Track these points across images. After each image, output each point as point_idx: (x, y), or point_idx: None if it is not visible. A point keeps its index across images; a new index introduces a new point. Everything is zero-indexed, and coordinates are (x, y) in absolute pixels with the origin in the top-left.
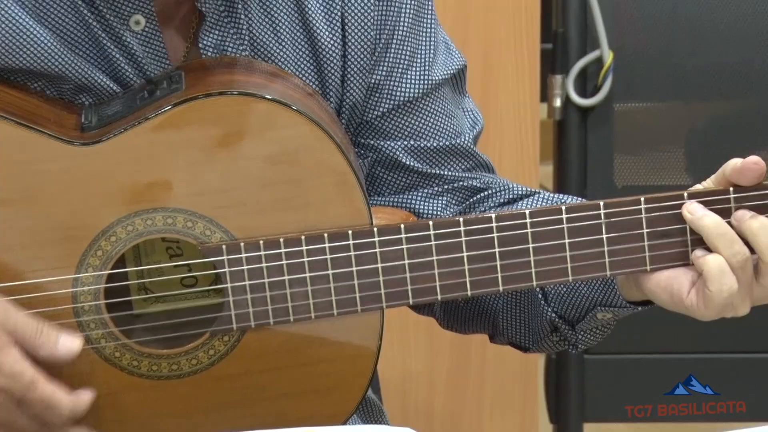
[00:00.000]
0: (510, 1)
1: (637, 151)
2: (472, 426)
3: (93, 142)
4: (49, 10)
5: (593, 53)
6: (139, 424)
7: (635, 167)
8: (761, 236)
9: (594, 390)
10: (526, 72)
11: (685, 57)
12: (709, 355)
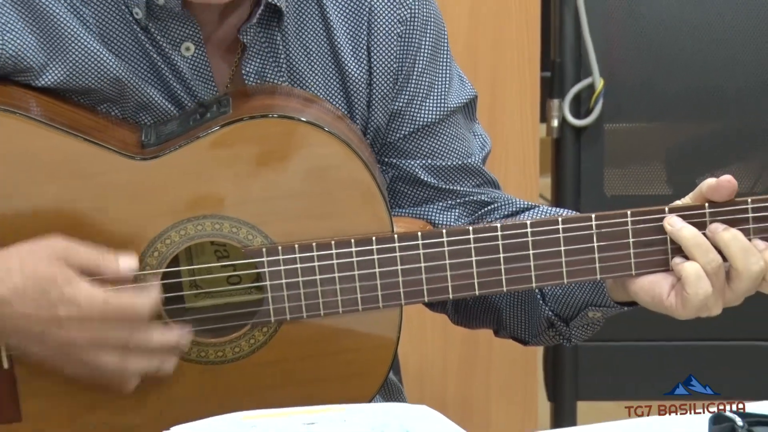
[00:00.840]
0: (514, 35)
1: (624, 165)
2: (480, 406)
3: (152, 157)
4: (113, 36)
5: (586, 80)
6: (189, 404)
7: (622, 179)
8: (733, 246)
9: (586, 373)
10: (528, 96)
11: (666, 84)
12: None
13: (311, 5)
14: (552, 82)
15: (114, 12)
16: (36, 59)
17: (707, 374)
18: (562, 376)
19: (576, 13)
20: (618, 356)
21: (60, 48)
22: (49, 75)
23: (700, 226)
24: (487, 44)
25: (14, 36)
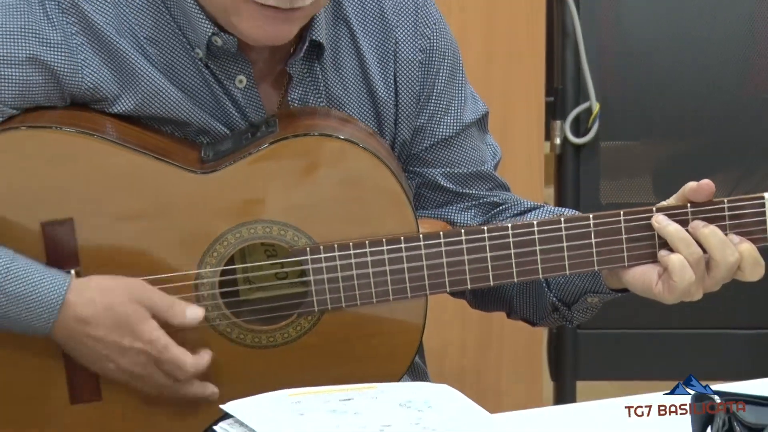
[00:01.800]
0: (523, 65)
1: (617, 178)
2: (493, 383)
3: (210, 171)
4: (177, 71)
5: (584, 104)
6: (244, 383)
7: (616, 190)
8: (711, 240)
9: (584, 356)
10: (534, 118)
11: (654, 107)
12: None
13: (346, 39)
14: (555, 106)
15: (178, 51)
16: (110, 90)
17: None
18: (564, 359)
19: (576, 46)
20: (613, 341)
21: (130, 81)
22: (121, 104)
23: (683, 223)
24: (499, 72)
25: (92, 71)
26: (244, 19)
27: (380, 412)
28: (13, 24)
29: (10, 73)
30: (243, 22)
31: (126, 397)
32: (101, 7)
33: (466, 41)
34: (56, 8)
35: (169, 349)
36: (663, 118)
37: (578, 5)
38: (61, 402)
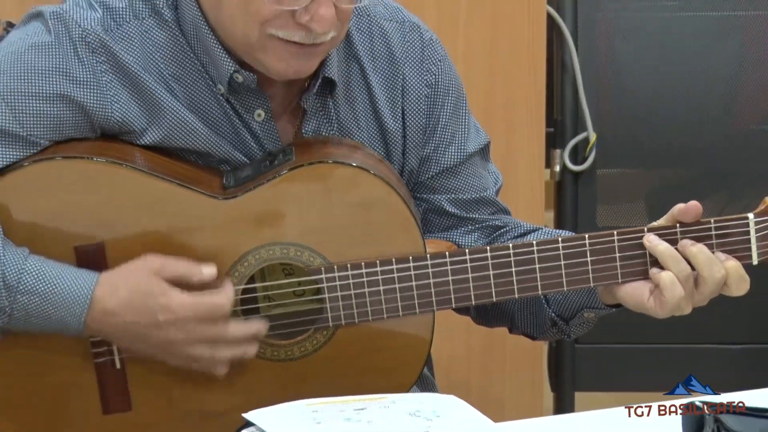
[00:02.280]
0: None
1: (613, 203)
2: (496, 394)
3: (232, 197)
4: (201, 105)
5: (582, 134)
6: (264, 394)
7: (611, 214)
8: (699, 257)
9: (582, 368)
10: (535, 147)
11: (647, 138)
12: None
13: (357, 76)
14: (554, 136)
15: (201, 87)
16: (138, 124)
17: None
18: (563, 371)
19: (574, 80)
20: (610, 355)
21: (156, 115)
22: (148, 136)
23: (672, 242)
24: (502, 105)
25: (121, 106)
26: (270, 54)
27: (391, 421)
28: (45, 63)
29: (43, 109)
30: (269, 57)
31: (155, 407)
32: (128, 46)
33: (470, 76)
34: (86, 48)
35: (199, 301)
36: (655, 148)
37: (576, 42)
38: (94, 413)
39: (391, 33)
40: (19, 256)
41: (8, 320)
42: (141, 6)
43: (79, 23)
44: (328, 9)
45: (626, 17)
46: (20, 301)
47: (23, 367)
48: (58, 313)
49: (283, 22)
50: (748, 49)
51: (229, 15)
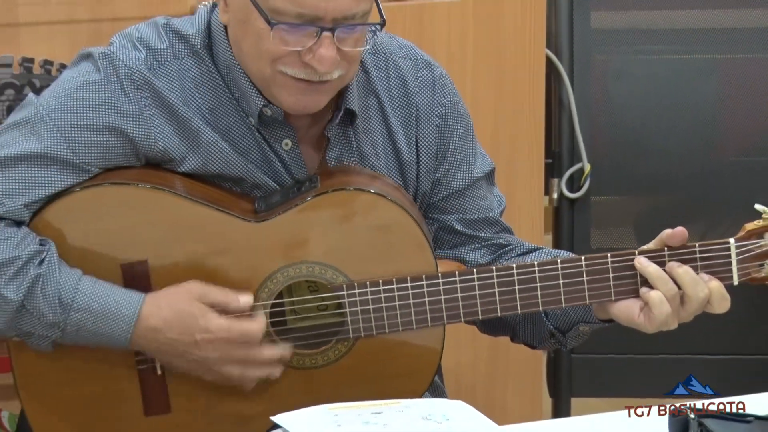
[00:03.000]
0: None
1: (605, 227)
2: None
3: (262, 220)
4: (235, 136)
5: (578, 165)
6: (291, 398)
7: (604, 237)
8: (685, 278)
9: (578, 376)
10: (535, 177)
11: (636, 169)
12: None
13: (375, 108)
14: (553, 166)
15: (235, 118)
16: (178, 153)
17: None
18: (560, 378)
19: (570, 116)
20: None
21: (195, 145)
22: (188, 164)
23: (660, 264)
24: (506, 138)
25: (163, 137)
26: (282, 90)
27: (405, 424)
28: (96, 98)
29: (94, 139)
30: (281, 92)
31: (191, 410)
32: (170, 83)
33: (477, 112)
34: (132, 85)
35: (235, 326)
36: (644, 177)
37: (572, 82)
38: (136, 415)
39: (405, 69)
40: (74, 277)
41: (61, 334)
42: (180, 46)
43: (125, 63)
44: (328, 50)
45: (617, 60)
46: (73, 317)
47: (74, 374)
48: (106, 329)
49: (290, 61)
50: (726, 88)
51: (247, 53)
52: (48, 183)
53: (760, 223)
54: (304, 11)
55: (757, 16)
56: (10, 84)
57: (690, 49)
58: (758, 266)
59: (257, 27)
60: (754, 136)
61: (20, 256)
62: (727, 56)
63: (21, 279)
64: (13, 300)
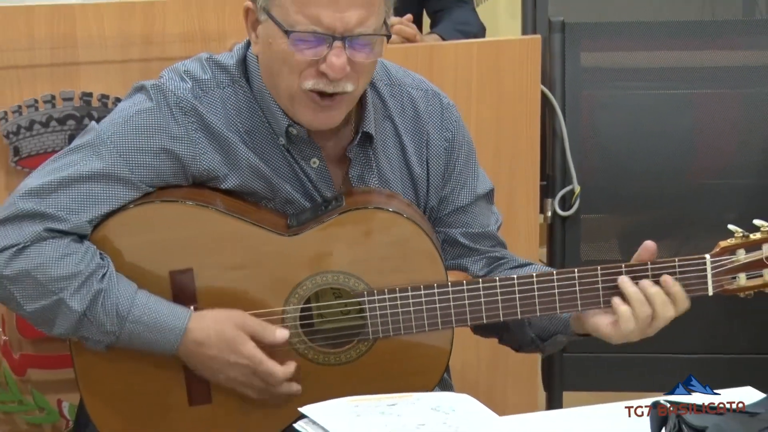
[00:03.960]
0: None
1: (594, 242)
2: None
3: (294, 234)
4: (268, 156)
5: (569, 187)
6: (318, 391)
7: (592, 251)
8: (656, 299)
9: (569, 372)
10: (531, 197)
11: (621, 189)
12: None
13: (391, 132)
14: (547, 188)
15: (268, 139)
16: (221, 172)
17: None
18: (553, 374)
19: (562, 143)
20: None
21: (235, 164)
22: (229, 182)
23: (645, 277)
24: (505, 163)
25: (207, 158)
26: (303, 106)
27: (417, 415)
28: (150, 124)
29: (148, 160)
30: (302, 110)
31: (230, 401)
32: (213, 109)
33: (480, 140)
34: (180, 111)
35: (264, 363)
36: (628, 197)
37: (564, 113)
38: (182, 404)
39: (417, 99)
40: (130, 291)
41: (115, 340)
42: (222, 77)
43: (173, 92)
44: (339, 58)
45: (604, 94)
46: (128, 327)
47: (127, 368)
48: (156, 339)
49: (309, 73)
50: (699, 119)
51: (276, 72)
52: (108, 199)
53: (733, 241)
54: (318, 28)
55: (725, 57)
56: (72, 115)
57: (667, 85)
58: (731, 279)
59: (281, 47)
60: (725, 162)
61: (84, 271)
62: (700, 91)
63: (85, 292)
64: (77, 310)
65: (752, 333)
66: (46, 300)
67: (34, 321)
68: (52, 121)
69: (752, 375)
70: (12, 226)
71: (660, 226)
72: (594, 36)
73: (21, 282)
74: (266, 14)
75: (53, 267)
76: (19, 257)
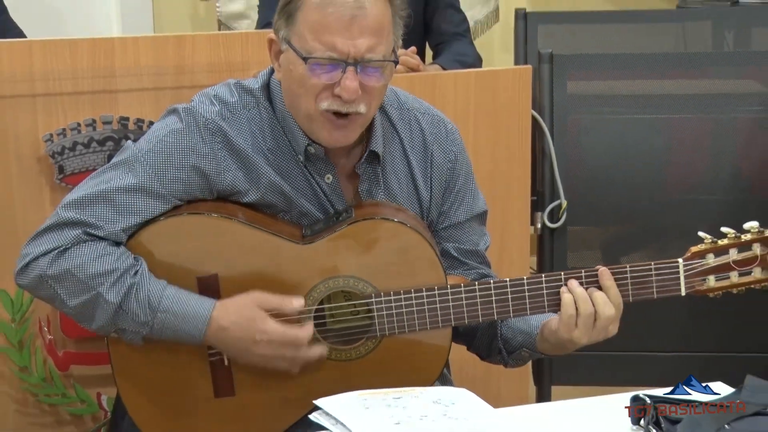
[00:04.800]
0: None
1: (578, 251)
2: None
3: (309, 242)
4: (288, 172)
5: (556, 202)
6: (329, 385)
7: (578, 259)
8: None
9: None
10: (523, 211)
11: (603, 204)
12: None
13: (399, 151)
14: (537, 203)
15: (288, 157)
16: (243, 187)
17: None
18: (543, 370)
19: (551, 163)
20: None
21: (256, 180)
22: (250, 196)
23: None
24: (500, 180)
25: (231, 174)
26: (320, 126)
27: (420, 406)
28: (180, 143)
29: (178, 176)
30: (320, 129)
31: (251, 393)
32: (239, 129)
33: (478, 159)
34: (208, 132)
35: (287, 332)
36: (609, 211)
37: (552, 136)
38: (208, 396)
39: (423, 123)
40: (160, 286)
41: (149, 331)
42: (248, 99)
43: (202, 114)
44: (352, 81)
45: (588, 118)
46: (159, 317)
47: (159, 363)
48: (185, 327)
49: (325, 95)
50: (673, 140)
51: (297, 95)
52: (141, 211)
53: (703, 247)
54: (333, 54)
55: (696, 85)
56: (110, 137)
57: (645, 111)
58: (701, 281)
59: (300, 72)
60: (694, 179)
61: (119, 268)
62: (673, 116)
63: (119, 286)
64: (113, 302)
65: (721, 332)
66: (86, 295)
67: (76, 316)
68: (93, 142)
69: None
70: (54, 232)
71: (638, 235)
72: (579, 66)
73: (63, 280)
74: (287, 44)
75: (91, 265)
76: (61, 258)
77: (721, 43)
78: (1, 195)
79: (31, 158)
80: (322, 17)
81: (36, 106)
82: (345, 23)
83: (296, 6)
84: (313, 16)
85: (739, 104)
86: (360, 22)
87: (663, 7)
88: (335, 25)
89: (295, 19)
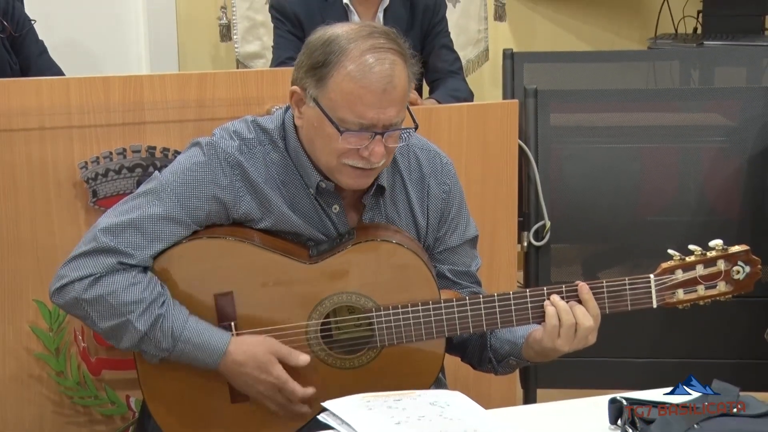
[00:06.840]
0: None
1: (561, 267)
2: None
3: (315, 262)
4: (298, 203)
5: (541, 222)
6: (335, 390)
7: (560, 274)
8: (578, 312)
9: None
10: (511, 230)
11: (583, 224)
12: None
13: (400, 184)
14: (524, 223)
15: (299, 190)
16: (256, 216)
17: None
18: (529, 374)
19: (536, 187)
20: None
21: (268, 211)
22: (263, 223)
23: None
24: (489, 203)
25: (245, 204)
26: (344, 175)
27: (418, 408)
28: (202, 175)
29: (200, 205)
30: (342, 177)
31: None
32: (255, 164)
33: (469, 186)
34: (227, 165)
35: (289, 383)
36: (589, 231)
37: (537, 163)
38: (225, 402)
39: (421, 157)
40: (183, 316)
41: (168, 355)
42: (264, 137)
43: (223, 149)
44: (380, 147)
45: (570, 148)
46: (179, 347)
47: (181, 373)
48: (202, 356)
49: (351, 155)
50: (645, 167)
51: (320, 149)
52: (167, 237)
53: (672, 263)
54: (364, 122)
55: (665, 118)
56: (139, 164)
57: (620, 140)
58: (671, 294)
59: (328, 132)
60: (664, 202)
61: (147, 298)
62: (645, 145)
63: (148, 315)
64: (140, 330)
65: (690, 340)
66: (116, 320)
67: (105, 336)
68: (123, 169)
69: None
70: (91, 258)
71: (614, 252)
72: (561, 101)
73: (97, 304)
74: (315, 103)
75: (123, 294)
76: (96, 285)
77: (687, 80)
78: (41, 217)
79: (67, 183)
80: (356, 89)
81: (72, 136)
82: (377, 96)
83: (329, 72)
84: (347, 86)
85: (704, 135)
86: (390, 95)
87: (635, 48)
88: (368, 98)
89: (326, 83)
